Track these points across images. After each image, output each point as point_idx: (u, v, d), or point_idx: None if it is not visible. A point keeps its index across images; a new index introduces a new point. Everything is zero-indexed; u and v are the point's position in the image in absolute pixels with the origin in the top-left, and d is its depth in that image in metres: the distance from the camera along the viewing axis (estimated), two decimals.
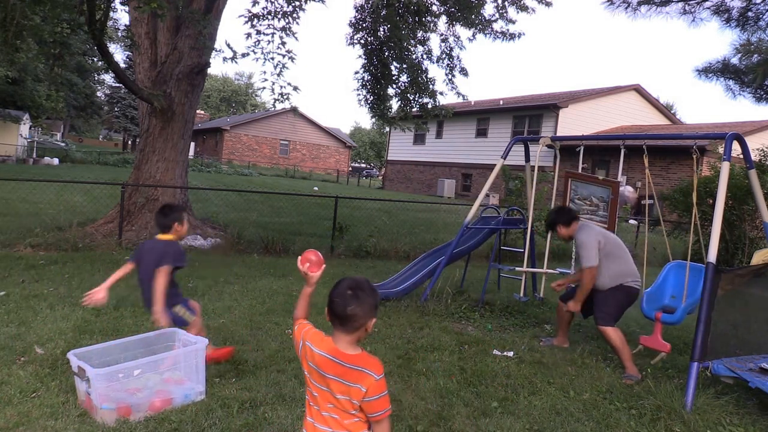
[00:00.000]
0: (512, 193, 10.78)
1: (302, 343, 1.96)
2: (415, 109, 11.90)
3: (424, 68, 11.49)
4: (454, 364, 4.14)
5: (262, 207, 14.26)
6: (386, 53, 11.45)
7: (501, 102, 27.91)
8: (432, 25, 11.25)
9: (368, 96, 11.90)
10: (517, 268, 5.99)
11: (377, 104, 11.93)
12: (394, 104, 12.14)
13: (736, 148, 4.14)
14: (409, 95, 11.56)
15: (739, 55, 7.64)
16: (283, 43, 8.19)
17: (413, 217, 14.01)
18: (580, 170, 5.71)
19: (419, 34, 11.26)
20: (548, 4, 10.17)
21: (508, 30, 10.70)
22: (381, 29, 11.14)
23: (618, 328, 4.34)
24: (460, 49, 11.54)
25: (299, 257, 2.13)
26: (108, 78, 45.52)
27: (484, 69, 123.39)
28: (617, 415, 3.41)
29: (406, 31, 10.55)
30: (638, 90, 26.18)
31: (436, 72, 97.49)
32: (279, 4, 8.18)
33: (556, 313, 5.02)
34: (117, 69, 8.10)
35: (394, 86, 11.78)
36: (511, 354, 4.47)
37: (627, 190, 15.57)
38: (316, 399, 1.91)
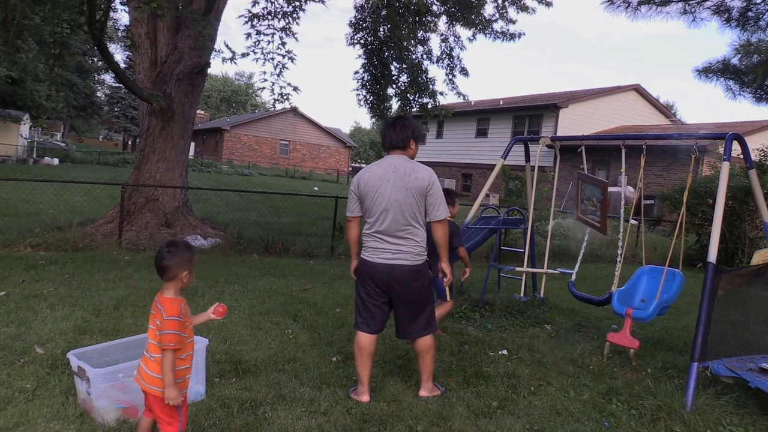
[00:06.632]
0: (512, 193, 10.78)
1: None
2: (415, 109, 11.90)
3: (424, 68, 11.50)
4: (454, 364, 4.14)
5: (262, 207, 14.27)
6: (386, 53, 11.46)
7: (501, 102, 27.91)
8: (432, 25, 11.27)
9: (368, 96, 11.91)
10: (517, 268, 5.99)
11: (377, 104, 11.93)
12: (394, 104, 12.15)
13: (736, 148, 4.14)
14: (409, 95, 11.56)
15: (739, 55, 7.63)
16: (283, 44, 8.21)
17: None
18: (584, 170, 5.70)
19: (419, 34, 11.27)
20: (548, 4, 10.18)
21: (508, 30, 10.72)
22: (381, 29, 11.15)
23: None
24: (460, 49, 11.57)
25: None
26: (108, 78, 45.61)
27: (484, 69, 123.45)
28: (617, 415, 3.41)
29: (406, 31, 10.56)
30: (638, 90, 26.18)
31: (436, 72, 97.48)
32: (279, 4, 8.19)
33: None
34: (117, 69, 8.10)
35: (394, 86, 11.79)
36: (510, 354, 4.48)
37: (627, 190, 15.55)
38: None
